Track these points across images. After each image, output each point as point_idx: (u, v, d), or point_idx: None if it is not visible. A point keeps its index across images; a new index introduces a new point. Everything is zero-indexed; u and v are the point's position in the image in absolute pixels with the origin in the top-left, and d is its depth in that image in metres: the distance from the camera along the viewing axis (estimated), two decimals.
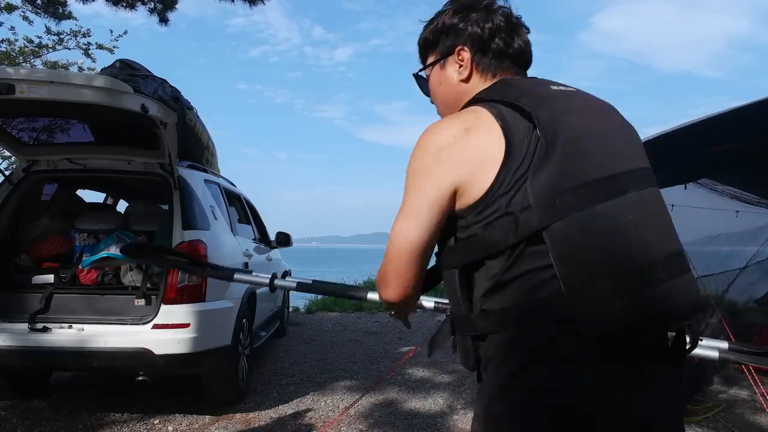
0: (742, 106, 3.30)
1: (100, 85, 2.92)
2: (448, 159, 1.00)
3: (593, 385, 0.92)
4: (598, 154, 0.99)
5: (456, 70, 1.19)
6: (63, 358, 3.41)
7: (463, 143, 1.00)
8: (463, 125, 1.02)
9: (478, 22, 1.15)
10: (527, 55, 1.19)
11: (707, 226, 6.29)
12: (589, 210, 0.93)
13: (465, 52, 1.16)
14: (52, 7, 7.94)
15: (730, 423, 3.79)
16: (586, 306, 0.91)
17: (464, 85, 1.18)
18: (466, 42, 1.16)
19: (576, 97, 1.08)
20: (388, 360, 5.66)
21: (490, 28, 1.15)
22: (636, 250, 0.94)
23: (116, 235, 3.89)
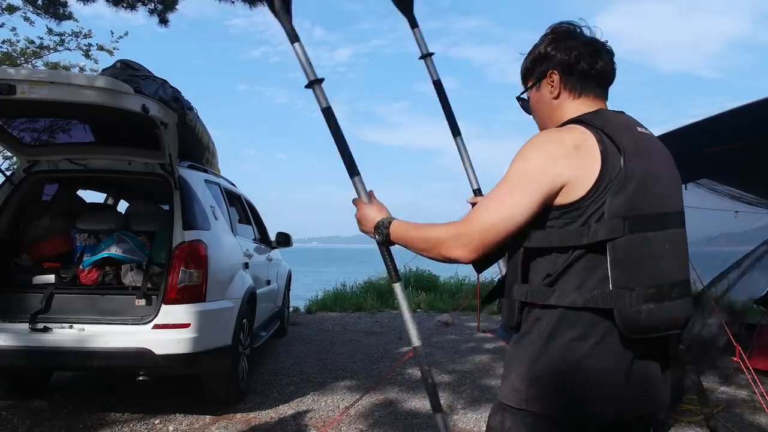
0: (742, 107, 3.31)
1: (101, 86, 2.93)
2: (561, 164, 1.24)
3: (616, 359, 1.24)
4: (658, 194, 1.27)
5: (549, 90, 1.44)
6: (64, 358, 3.41)
7: (574, 155, 1.24)
8: (574, 141, 1.26)
9: (565, 50, 1.40)
10: (609, 75, 1.43)
11: (707, 227, 6.29)
12: (643, 235, 1.22)
13: (555, 74, 1.41)
14: (53, 7, 7.95)
15: (730, 423, 3.80)
16: (624, 304, 1.19)
17: (555, 102, 1.43)
18: (556, 66, 1.41)
19: (652, 143, 1.36)
20: (388, 360, 5.67)
21: (575, 55, 1.39)
22: (664, 273, 1.24)
23: (116, 236, 3.90)
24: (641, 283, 1.20)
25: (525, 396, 1.26)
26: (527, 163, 1.27)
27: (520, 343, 1.32)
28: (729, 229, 6.40)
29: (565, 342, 1.24)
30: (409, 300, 10.24)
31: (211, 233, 3.81)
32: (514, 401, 1.28)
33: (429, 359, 5.65)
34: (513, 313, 1.34)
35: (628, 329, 1.20)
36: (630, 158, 1.23)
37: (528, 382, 1.26)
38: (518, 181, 1.26)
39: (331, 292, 10.79)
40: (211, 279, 3.57)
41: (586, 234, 1.22)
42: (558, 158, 1.24)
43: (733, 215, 6.19)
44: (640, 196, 1.22)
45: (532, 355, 1.27)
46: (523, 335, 1.32)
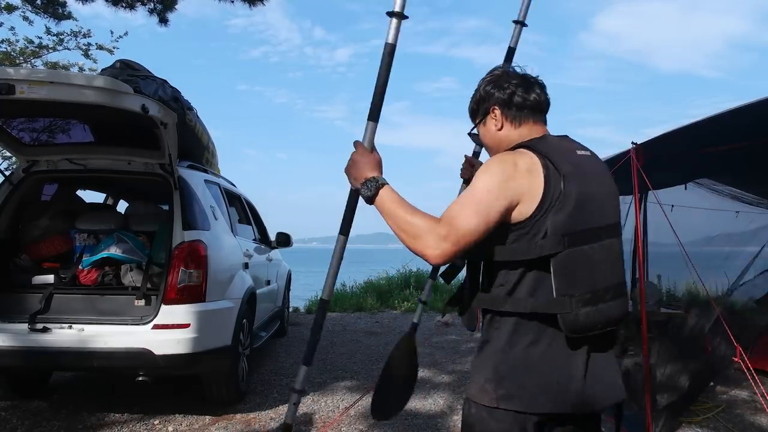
0: (742, 107, 3.30)
1: (101, 86, 2.92)
2: (517, 183, 1.40)
3: (558, 352, 1.45)
4: (593, 211, 1.45)
5: (493, 123, 1.63)
6: (63, 359, 3.41)
7: (526, 177, 1.41)
8: (526, 165, 1.43)
9: (501, 88, 1.61)
10: (543, 104, 1.63)
11: (707, 227, 6.29)
12: (580, 248, 1.40)
13: (496, 110, 1.61)
14: (52, 7, 7.95)
15: (730, 423, 3.80)
16: (565, 309, 1.39)
17: (500, 133, 1.63)
18: (495, 103, 1.61)
19: (590, 163, 1.54)
20: None
21: (510, 92, 1.59)
22: (599, 279, 1.44)
23: (116, 236, 3.89)
24: (579, 290, 1.40)
25: (494, 396, 1.44)
26: (492, 178, 1.41)
27: (484, 351, 1.52)
28: (729, 229, 6.40)
29: (523, 348, 1.44)
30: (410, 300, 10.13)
31: (211, 233, 3.80)
32: (485, 401, 1.46)
33: (429, 359, 5.66)
34: (474, 318, 1.58)
35: (569, 330, 1.40)
36: (569, 181, 1.40)
37: (495, 385, 1.45)
38: (487, 194, 1.39)
39: None
40: (211, 279, 3.56)
41: (534, 249, 1.40)
42: (515, 178, 1.40)
43: (733, 215, 6.19)
44: (577, 214, 1.40)
45: (495, 361, 1.47)
46: (485, 342, 1.52)
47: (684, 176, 5.48)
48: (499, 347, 1.47)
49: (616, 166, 3.97)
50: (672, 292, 7.67)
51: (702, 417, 3.89)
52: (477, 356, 1.54)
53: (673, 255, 5.06)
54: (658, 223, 5.07)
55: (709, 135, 4.01)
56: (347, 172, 1.61)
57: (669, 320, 5.47)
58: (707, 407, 4.09)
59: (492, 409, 1.44)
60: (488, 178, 1.42)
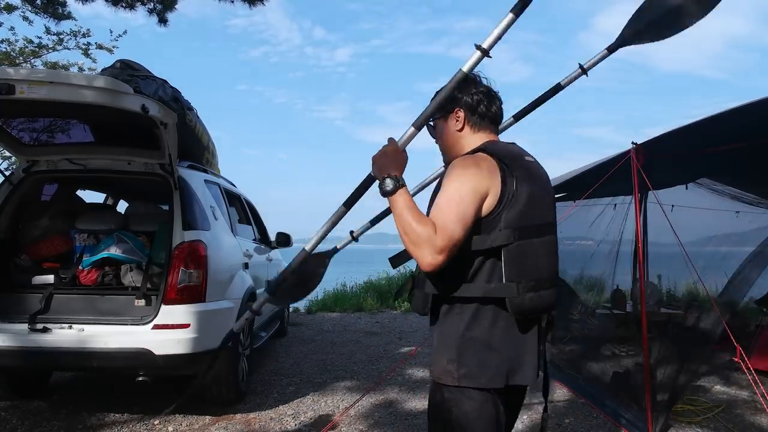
0: (742, 107, 3.30)
1: (101, 86, 2.92)
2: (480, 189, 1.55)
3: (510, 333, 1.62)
4: (539, 209, 1.63)
5: (454, 123, 1.78)
6: (63, 359, 3.41)
7: (488, 177, 1.57)
8: (487, 166, 1.59)
9: (470, 94, 1.75)
10: (500, 117, 1.83)
11: (707, 226, 6.28)
12: (528, 241, 1.59)
13: (461, 112, 1.76)
14: (52, 7, 7.94)
15: (730, 423, 3.79)
16: (513, 293, 1.56)
17: (459, 133, 1.78)
18: (462, 106, 1.76)
19: (536, 167, 1.71)
20: (388, 360, 5.66)
21: (477, 99, 1.75)
22: (541, 269, 1.61)
23: (116, 236, 3.89)
24: (526, 277, 1.57)
25: (456, 375, 1.59)
26: (464, 185, 1.55)
27: (443, 334, 1.66)
28: (729, 229, 6.40)
29: (483, 330, 1.60)
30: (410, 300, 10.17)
31: (211, 233, 3.80)
32: (449, 380, 1.60)
33: (429, 359, 5.65)
34: (427, 303, 1.68)
35: (515, 312, 1.58)
36: (521, 182, 1.59)
37: (457, 365, 1.60)
38: (465, 203, 1.53)
39: (331, 293, 10.78)
40: (211, 279, 3.56)
41: (488, 241, 1.57)
42: (480, 181, 1.56)
43: (733, 215, 6.18)
44: (526, 212, 1.58)
45: (456, 343, 1.61)
46: (442, 326, 1.66)
47: (684, 176, 5.48)
48: (459, 330, 1.61)
49: (616, 166, 3.97)
50: (672, 292, 7.67)
51: (702, 417, 3.89)
52: (437, 340, 1.68)
53: (673, 255, 5.06)
54: (658, 223, 5.08)
55: (710, 135, 4.00)
56: (375, 160, 1.70)
57: (669, 320, 5.48)
58: (707, 407, 4.09)
59: (461, 388, 1.59)
60: (461, 186, 1.55)
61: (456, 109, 1.76)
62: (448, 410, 1.60)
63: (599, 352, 5.47)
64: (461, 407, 1.58)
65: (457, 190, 1.54)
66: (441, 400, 1.62)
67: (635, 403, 3.74)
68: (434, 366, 1.65)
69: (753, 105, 3.23)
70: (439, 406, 1.63)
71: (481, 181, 1.55)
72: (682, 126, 3.70)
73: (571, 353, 5.43)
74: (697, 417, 3.89)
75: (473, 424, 1.58)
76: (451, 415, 1.59)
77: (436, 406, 1.65)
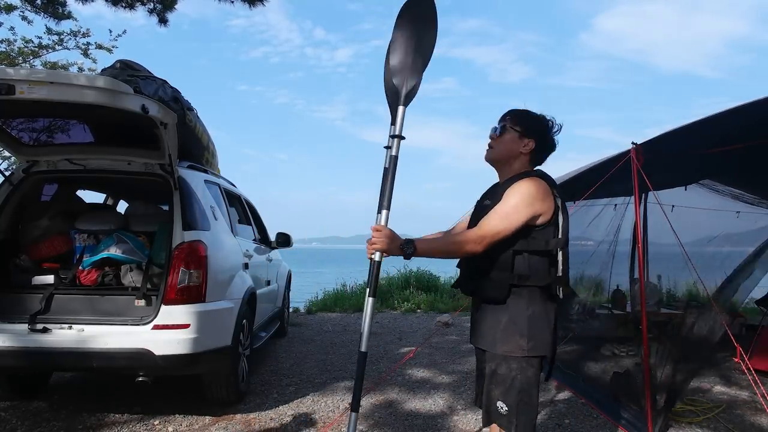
0: (742, 107, 3.29)
1: (101, 86, 2.91)
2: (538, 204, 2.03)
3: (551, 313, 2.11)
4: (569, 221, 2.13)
5: (522, 145, 2.17)
6: (63, 359, 3.40)
7: (545, 198, 2.05)
8: (547, 189, 2.07)
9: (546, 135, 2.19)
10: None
11: (708, 227, 6.28)
12: (568, 247, 2.10)
13: (532, 143, 2.17)
14: (52, 6, 7.94)
15: (731, 423, 3.79)
16: (565, 283, 2.09)
17: (519, 153, 2.18)
18: (537, 139, 2.17)
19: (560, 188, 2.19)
20: (388, 360, 5.66)
21: (548, 145, 2.21)
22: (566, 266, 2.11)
23: (116, 236, 3.88)
24: (565, 270, 2.08)
25: (526, 347, 2.03)
26: (521, 201, 2.01)
27: (508, 316, 2.06)
28: (730, 229, 6.40)
29: (539, 311, 2.06)
30: (410, 300, 10.15)
31: (211, 233, 3.80)
32: (518, 353, 2.03)
33: (429, 360, 5.66)
34: (504, 291, 2.05)
35: (564, 295, 2.09)
36: (562, 204, 2.09)
37: (526, 339, 2.03)
38: (513, 212, 2.01)
39: (331, 293, 10.78)
40: (211, 279, 3.56)
41: (551, 244, 2.05)
42: (536, 200, 2.02)
43: (734, 215, 6.18)
44: (567, 225, 2.08)
45: (525, 322, 2.04)
46: (512, 309, 2.05)
47: (684, 176, 5.48)
48: (522, 312, 2.04)
49: (616, 166, 3.97)
50: (672, 293, 7.67)
51: (702, 417, 3.89)
52: (503, 323, 2.06)
53: (673, 255, 5.06)
54: (658, 224, 5.07)
55: (710, 135, 4.00)
56: (378, 245, 2.08)
57: (669, 320, 5.47)
58: (707, 407, 4.09)
59: (528, 358, 2.03)
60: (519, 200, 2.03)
61: (534, 138, 2.16)
62: (514, 377, 2.03)
63: (599, 352, 5.47)
64: (526, 373, 2.04)
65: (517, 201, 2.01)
66: (515, 373, 2.03)
67: (635, 403, 3.74)
68: (505, 342, 2.05)
69: (753, 105, 3.23)
70: (505, 376, 2.04)
71: (536, 201, 2.01)
72: (682, 126, 3.70)
73: (571, 353, 5.43)
74: (697, 417, 3.89)
75: (535, 385, 2.06)
76: (517, 381, 2.03)
77: (502, 376, 2.05)
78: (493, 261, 2.05)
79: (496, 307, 2.08)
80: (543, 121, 2.18)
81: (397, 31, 2.37)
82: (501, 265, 2.04)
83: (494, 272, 2.06)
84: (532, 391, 2.05)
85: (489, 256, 2.04)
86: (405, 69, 2.31)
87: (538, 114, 2.20)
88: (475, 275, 2.13)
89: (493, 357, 2.09)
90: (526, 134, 2.15)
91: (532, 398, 2.05)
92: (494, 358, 2.08)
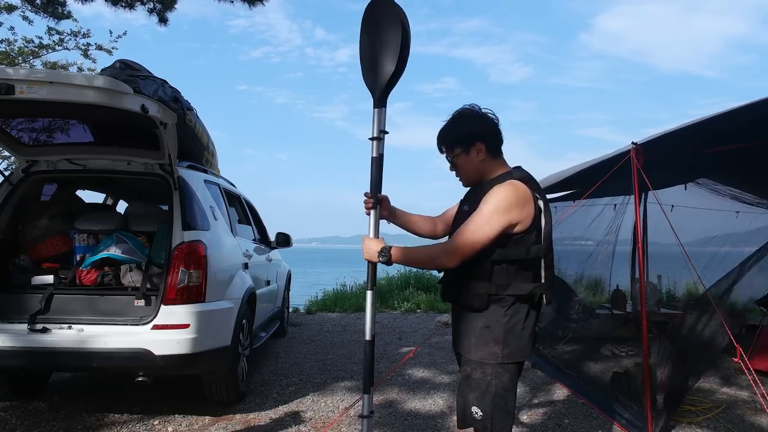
0: (742, 107, 3.29)
1: (100, 86, 2.91)
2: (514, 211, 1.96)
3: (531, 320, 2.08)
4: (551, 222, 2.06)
5: (475, 154, 2.10)
6: (63, 359, 3.40)
7: (523, 204, 1.98)
8: (524, 194, 1.99)
9: (487, 127, 2.10)
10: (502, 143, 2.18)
11: (707, 227, 6.28)
12: (552, 253, 2.07)
13: (481, 145, 2.09)
14: (52, 7, 7.94)
15: (730, 423, 3.79)
16: (548, 289, 2.05)
17: (481, 163, 2.11)
18: (482, 140, 2.09)
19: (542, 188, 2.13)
20: (388, 360, 5.66)
21: (494, 132, 2.11)
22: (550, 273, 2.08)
23: (116, 236, 3.88)
24: (549, 279, 2.05)
25: (500, 354, 2.02)
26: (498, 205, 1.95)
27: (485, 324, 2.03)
28: (729, 229, 6.40)
29: (517, 319, 2.03)
30: (410, 300, 10.15)
31: (211, 233, 3.80)
32: (493, 359, 2.02)
33: (429, 360, 5.66)
34: (483, 301, 2.02)
35: (548, 302, 2.07)
36: (545, 206, 2.03)
37: (501, 346, 2.01)
38: (489, 220, 1.95)
39: (331, 293, 10.78)
40: (211, 279, 3.56)
41: (531, 252, 2.00)
42: (513, 206, 1.95)
43: (733, 215, 6.19)
44: (549, 229, 2.02)
45: (501, 329, 2.01)
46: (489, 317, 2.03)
47: (684, 176, 5.48)
48: (500, 320, 2.02)
49: (616, 166, 3.97)
50: (672, 292, 7.67)
51: (702, 417, 3.89)
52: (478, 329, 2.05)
53: (673, 255, 5.07)
54: (658, 223, 5.07)
55: (709, 135, 4.00)
56: (366, 258, 2.19)
57: (669, 320, 5.47)
58: (707, 407, 4.09)
59: (502, 364, 2.01)
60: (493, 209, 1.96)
61: (477, 143, 2.08)
62: (489, 383, 2.02)
63: (599, 352, 5.47)
64: (501, 378, 2.02)
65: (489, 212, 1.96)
66: (490, 378, 2.03)
67: (635, 403, 3.74)
68: (478, 349, 2.04)
69: (753, 105, 3.23)
70: (480, 381, 2.04)
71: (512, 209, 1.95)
72: (682, 126, 3.70)
73: (571, 353, 5.44)
74: (697, 417, 3.89)
75: (510, 390, 2.05)
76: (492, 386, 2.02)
77: (477, 381, 2.04)
78: (472, 271, 2.02)
79: (474, 313, 2.06)
80: (469, 120, 2.10)
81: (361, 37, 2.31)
82: (479, 275, 2.01)
83: (473, 282, 2.03)
84: (507, 396, 2.02)
85: (467, 265, 2.00)
86: (372, 71, 2.26)
87: (457, 116, 2.12)
88: (454, 284, 2.11)
89: (468, 362, 2.08)
90: (467, 146, 2.09)
91: (507, 403, 2.03)
92: (469, 363, 2.07)
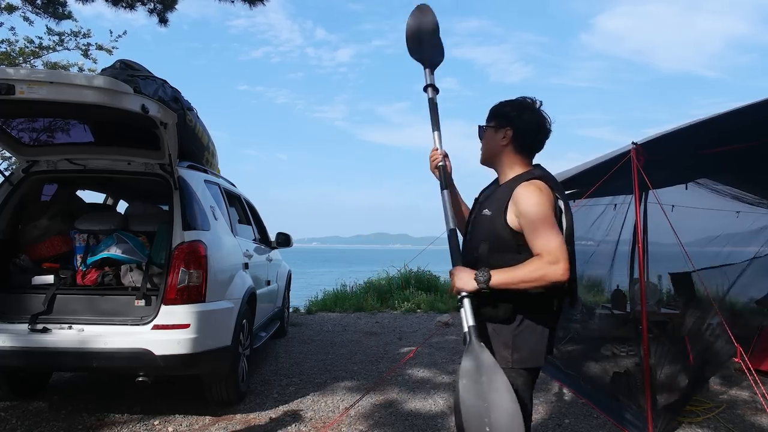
0: (742, 107, 3.29)
1: (101, 86, 2.91)
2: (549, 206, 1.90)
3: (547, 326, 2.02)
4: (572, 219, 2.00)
5: (501, 137, 2.03)
6: (63, 359, 3.40)
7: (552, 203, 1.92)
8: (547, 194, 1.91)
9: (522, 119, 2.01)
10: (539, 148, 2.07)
11: (707, 227, 6.28)
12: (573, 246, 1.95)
13: (510, 131, 2.01)
14: (52, 7, 7.94)
15: (731, 423, 3.79)
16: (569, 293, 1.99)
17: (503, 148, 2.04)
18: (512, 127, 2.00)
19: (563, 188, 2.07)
20: (388, 360, 5.66)
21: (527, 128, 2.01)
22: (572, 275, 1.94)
23: (116, 236, 3.89)
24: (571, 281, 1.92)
25: (510, 359, 1.96)
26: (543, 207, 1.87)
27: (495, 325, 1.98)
28: (730, 229, 6.40)
29: (531, 323, 1.96)
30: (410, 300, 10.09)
31: (211, 233, 3.80)
32: (503, 363, 1.93)
33: (429, 360, 5.66)
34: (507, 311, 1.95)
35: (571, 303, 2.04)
36: (566, 206, 1.96)
37: (512, 350, 1.95)
38: (548, 218, 1.86)
39: (331, 293, 10.78)
40: (211, 279, 3.56)
41: None
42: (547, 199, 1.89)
43: (734, 215, 6.18)
44: (570, 227, 1.95)
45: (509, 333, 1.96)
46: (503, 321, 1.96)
47: (684, 176, 5.48)
48: (511, 323, 1.96)
49: (616, 166, 3.97)
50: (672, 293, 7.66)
51: (702, 417, 3.89)
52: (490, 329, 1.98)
53: (673, 255, 5.06)
54: (658, 223, 5.07)
55: (710, 135, 4.00)
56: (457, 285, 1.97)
57: (669, 320, 5.47)
58: (707, 407, 4.09)
59: (514, 369, 1.95)
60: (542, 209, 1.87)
61: (508, 128, 2.01)
62: None
63: (599, 352, 5.47)
64: (516, 382, 1.93)
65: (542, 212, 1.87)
66: None
67: (635, 403, 3.74)
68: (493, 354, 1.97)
69: (753, 106, 3.23)
70: None
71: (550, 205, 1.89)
72: (682, 126, 3.70)
73: (571, 353, 5.43)
74: (697, 417, 3.89)
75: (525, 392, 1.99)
76: None
77: None
78: None
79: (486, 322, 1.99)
80: (514, 104, 2.02)
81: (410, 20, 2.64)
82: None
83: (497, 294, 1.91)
84: (523, 399, 1.96)
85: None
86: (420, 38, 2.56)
87: (513, 99, 2.06)
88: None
89: None
90: (500, 125, 2.02)
91: (524, 407, 1.96)
92: None
